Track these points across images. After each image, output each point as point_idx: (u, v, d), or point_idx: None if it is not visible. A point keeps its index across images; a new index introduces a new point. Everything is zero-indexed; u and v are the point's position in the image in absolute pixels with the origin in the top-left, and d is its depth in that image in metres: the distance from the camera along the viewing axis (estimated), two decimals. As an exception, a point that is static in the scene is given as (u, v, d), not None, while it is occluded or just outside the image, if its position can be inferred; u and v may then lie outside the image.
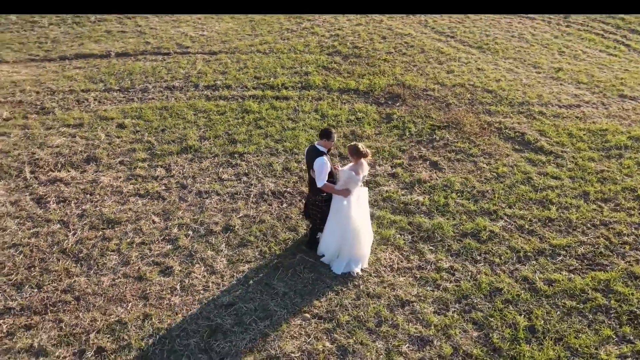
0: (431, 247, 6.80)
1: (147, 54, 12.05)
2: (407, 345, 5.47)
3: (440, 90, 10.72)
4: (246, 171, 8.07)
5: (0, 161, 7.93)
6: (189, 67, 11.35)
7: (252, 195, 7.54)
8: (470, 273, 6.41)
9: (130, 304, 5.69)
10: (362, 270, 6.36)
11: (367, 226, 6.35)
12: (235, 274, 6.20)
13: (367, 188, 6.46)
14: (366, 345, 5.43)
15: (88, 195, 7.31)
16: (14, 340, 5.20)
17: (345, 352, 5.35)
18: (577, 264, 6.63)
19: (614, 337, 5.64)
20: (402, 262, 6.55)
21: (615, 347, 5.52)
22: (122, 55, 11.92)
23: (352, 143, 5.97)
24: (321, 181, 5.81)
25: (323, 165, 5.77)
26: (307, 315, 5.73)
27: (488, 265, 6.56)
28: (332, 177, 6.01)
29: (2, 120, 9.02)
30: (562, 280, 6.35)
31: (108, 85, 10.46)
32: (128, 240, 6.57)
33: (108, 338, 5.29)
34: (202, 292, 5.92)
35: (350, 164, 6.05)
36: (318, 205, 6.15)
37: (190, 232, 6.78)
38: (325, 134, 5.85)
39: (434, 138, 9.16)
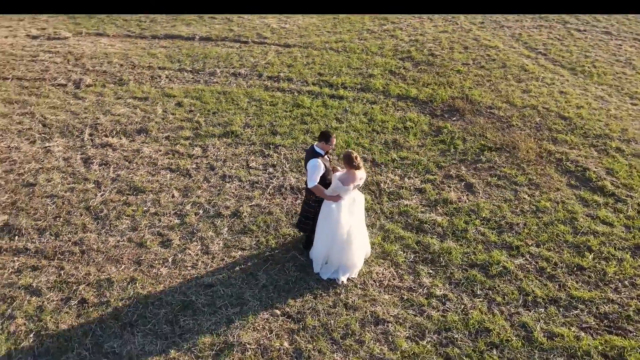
0: (431, 271, 6.44)
1: (228, 40, 12.74)
2: (365, 364, 5.29)
3: (506, 110, 9.99)
4: (275, 163, 8.26)
5: (70, 121, 8.98)
6: (260, 57, 11.80)
7: (270, 187, 7.71)
8: (462, 306, 5.98)
9: (124, 266, 6.19)
10: (349, 280, 6.23)
11: (360, 235, 6.20)
12: (226, 258, 6.43)
13: (363, 195, 6.29)
14: (323, 354, 5.35)
15: (127, 163, 8.02)
16: (19, 277, 5.94)
17: (300, 356, 5.32)
18: (593, 323, 5.87)
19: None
20: (394, 279, 6.30)
21: None
22: (205, 39, 12.74)
23: (347, 151, 5.85)
24: (312, 182, 5.79)
25: (315, 168, 5.75)
26: (277, 312, 5.78)
27: (487, 302, 6.07)
28: (325, 180, 5.95)
29: (84, 86, 10.18)
30: (568, 336, 5.66)
31: (182, 66, 11.27)
32: (144, 208, 7.11)
33: (93, 292, 5.82)
34: (189, 268, 6.24)
35: (343, 172, 5.94)
36: (311, 205, 6.13)
37: (200, 211, 7.14)
38: (323, 136, 5.81)
39: (479, 159, 8.59)
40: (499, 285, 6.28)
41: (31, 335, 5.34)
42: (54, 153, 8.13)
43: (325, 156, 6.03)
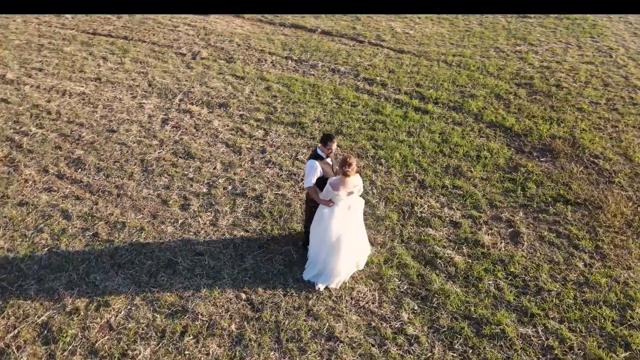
0: (416, 308, 5.97)
1: (345, 37, 13.05)
2: (293, 372, 5.22)
3: (616, 164, 8.53)
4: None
5: (170, 86, 10.27)
6: (366, 58, 11.87)
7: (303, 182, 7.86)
8: (429, 355, 5.46)
9: (141, 216, 7.00)
10: (327, 288, 6.13)
11: (353, 244, 6.02)
12: (227, 234, 6.82)
13: (362, 202, 6.07)
14: (262, 348, 5.42)
15: (194, 130, 8.92)
16: (63, 201, 7.16)
17: (239, 342, 5.47)
18: None
19: None
20: (372, 303, 6.01)
21: None
22: (325, 33, 13.24)
23: (344, 154, 5.71)
24: (307, 183, 5.84)
25: (311, 169, 5.77)
26: (243, 295, 5.99)
27: (459, 360, 5.43)
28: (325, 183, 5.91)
29: (199, 58, 11.47)
30: None
31: (291, 54, 11.93)
32: (185, 172, 7.88)
33: (107, 230, 6.73)
34: (191, 233, 6.79)
35: (339, 177, 5.80)
36: (309, 206, 6.19)
37: (229, 187, 7.65)
38: (323, 139, 5.79)
39: (546, 209, 7.54)
40: (484, 348, 5.55)
41: (45, 249, 6.44)
42: (144, 109, 9.42)
43: (328, 159, 5.98)
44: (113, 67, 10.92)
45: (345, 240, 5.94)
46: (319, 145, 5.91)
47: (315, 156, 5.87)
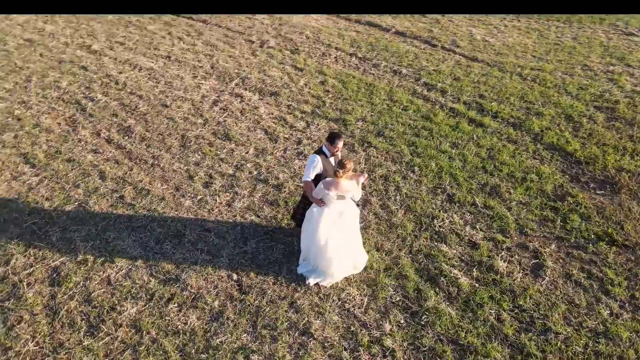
0: (402, 322, 5.82)
1: (419, 40, 12.80)
2: (258, 357, 5.36)
3: (686, 208, 7.58)
4: (354, 159, 8.37)
5: (231, 70, 10.83)
6: (433, 63, 11.58)
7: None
8: (399, 371, 5.31)
9: (166, 187, 7.53)
10: (317, 285, 6.18)
11: (342, 249, 6.01)
12: (239, 217, 7.11)
13: (357, 211, 6.03)
14: (236, 329, 5.62)
15: (239, 113, 9.35)
16: (104, 163, 7.90)
17: (217, 319, 5.73)
18: None
19: None
20: (357, 308, 5.95)
21: None
22: (399, 33, 13.09)
23: (345, 157, 5.69)
24: (304, 177, 5.92)
25: (311, 163, 5.85)
26: (234, 276, 6.23)
27: (430, 383, 5.22)
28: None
29: (267, 46, 11.94)
30: None
31: (356, 51, 11.98)
32: (218, 152, 8.30)
33: (132, 195, 7.35)
34: (205, 211, 7.17)
35: (333, 177, 5.80)
36: (303, 201, 6.28)
37: (254, 172, 7.94)
38: (329, 137, 5.82)
39: (585, 246, 6.92)
40: (462, 377, 5.28)
41: (76, 203, 7.19)
42: (200, 89, 10.04)
43: (332, 159, 6.00)
44: (184, 48, 11.73)
45: (333, 245, 5.93)
46: (326, 142, 5.95)
47: (319, 152, 5.92)
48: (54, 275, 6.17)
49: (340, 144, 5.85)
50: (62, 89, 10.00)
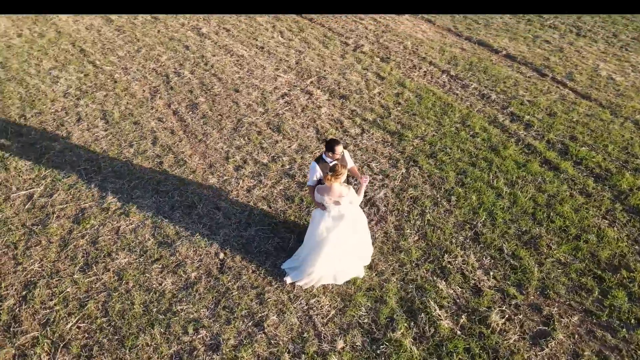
0: (357, 344, 5.70)
1: (528, 66, 11.94)
2: (206, 333, 5.70)
3: None
4: (389, 174, 8.24)
5: (312, 68, 11.26)
6: (532, 93, 10.75)
7: (351, 185, 7.95)
8: (330, 389, 5.25)
9: (202, 162, 8.24)
10: (292, 284, 6.31)
11: (336, 253, 6.06)
12: (252, 203, 7.52)
13: (361, 217, 6.04)
14: (199, 303, 6.03)
15: (299, 109, 9.74)
16: (161, 131, 8.90)
17: (186, 289, 6.20)
18: None
19: None
20: (320, 318, 5.96)
21: None
22: (509, 56, 12.34)
23: (335, 163, 5.71)
24: (308, 182, 6.15)
25: (311, 170, 6.06)
26: (221, 255, 6.66)
27: (355, 412, 5.07)
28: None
29: (359, 51, 12.16)
30: None
31: (450, 69, 11.61)
32: (263, 141, 8.79)
33: (170, 162, 8.19)
34: (226, 191, 7.70)
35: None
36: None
37: (287, 166, 8.26)
38: (327, 144, 5.92)
39: (616, 328, 6.03)
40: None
41: (124, 160, 8.26)
42: (275, 82, 10.66)
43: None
44: (280, 41, 12.49)
45: (330, 246, 6.00)
46: (325, 149, 6.05)
47: (318, 159, 6.06)
48: (79, 214, 7.22)
49: (339, 150, 5.90)
50: (159, 62, 11.41)
